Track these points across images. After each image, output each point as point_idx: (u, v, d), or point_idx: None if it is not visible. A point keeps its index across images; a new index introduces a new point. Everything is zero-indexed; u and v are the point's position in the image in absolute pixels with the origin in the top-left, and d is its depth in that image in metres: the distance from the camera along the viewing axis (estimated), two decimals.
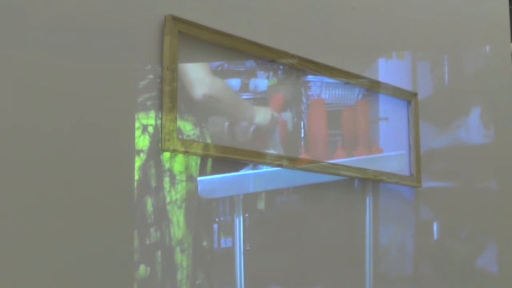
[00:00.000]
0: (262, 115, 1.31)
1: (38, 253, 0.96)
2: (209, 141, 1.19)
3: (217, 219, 1.21)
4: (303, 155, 1.37)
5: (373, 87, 1.55)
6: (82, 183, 1.01)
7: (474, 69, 1.94)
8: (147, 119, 1.11)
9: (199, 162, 1.18)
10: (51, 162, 0.98)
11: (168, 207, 1.13)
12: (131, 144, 1.09)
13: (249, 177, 1.27)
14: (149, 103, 1.11)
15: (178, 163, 1.15)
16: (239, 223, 1.24)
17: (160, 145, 1.12)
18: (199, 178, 1.18)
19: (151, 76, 1.12)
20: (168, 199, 1.13)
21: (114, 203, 1.05)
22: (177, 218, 1.14)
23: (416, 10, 1.75)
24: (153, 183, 1.11)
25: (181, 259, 1.14)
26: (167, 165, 1.13)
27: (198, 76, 1.20)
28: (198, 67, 1.20)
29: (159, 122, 1.12)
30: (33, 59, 0.98)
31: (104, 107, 1.05)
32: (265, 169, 1.29)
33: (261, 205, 1.30)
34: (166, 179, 1.13)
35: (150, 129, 1.11)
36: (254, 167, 1.27)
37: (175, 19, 1.14)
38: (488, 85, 1.96)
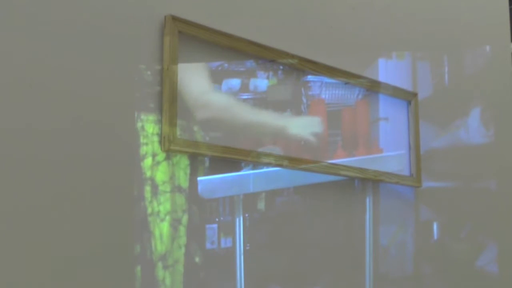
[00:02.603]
0: (262, 114, 1.31)
1: (29, 253, 0.96)
2: (209, 141, 1.19)
3: (217, 219, 1.21)
4: (303, 155, 1.37)
5: (373, 87, 1.55)
6: (81, 183, 1.01)
7: (474, 69, 1.94)
8: (147, 119, 1.11)
9: (198, 162, 1.18)
10: (51, 162, 0.98)
11: (167, 207, 1.13)
12: (131, 144, 1.09)
13: (249, 177, 1.27)
14: (149, 103, 1.11)
15: (177, 163, 1.15)
16: (239, 223, 1.24)
17: (160, 145, 1.12)
18: (199, 178, 1.18)
19: (151, 76, 1.12)
20: (167, 199, 1.13)
21: (114, 203, 1.05)
22: (176, 218, 1.14)
23: (416, 10, 1.75)
24: (153, 183, 1.11)
25: (178, 259, 1.14)
26: (166, 165, 1.13)
27: (198, 76, 1.19)
28: (198, 67, 1.20)
29: (159, 122, 1.12)
30: (33, 59, 0.98)
31: (103, 107, 1.05)
32: (265, 169, 1.29)
33: (261, 205, 1.30)
34: (166, 179, 1.13)
35: (150, 129, 1.11)
36: (254, 167, 1.27)
37: (175, 19, 1.14)
38: (488, 85, 1.96)
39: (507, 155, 1.97)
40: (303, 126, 1.37)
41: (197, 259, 1.16)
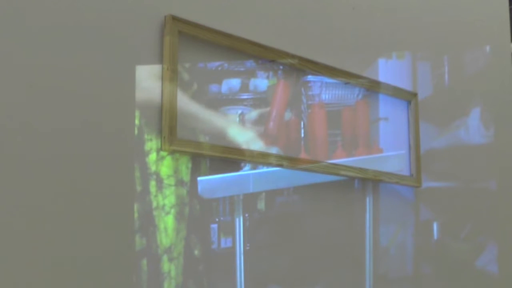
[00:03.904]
0: (260, 114, 1.31)
1: (28, 252, 0.96)
2: (209, 141, 1.19)
3: (217, 219, 1.21)
4: (303, 155, 1.37)
5: (373, 87, 1.55)
6: (81, 183, 1.01)
7: (474, 69, 1.94)
8: (147, 119, 1.11)
9: (198, 162, 1.18)
10: (51, 162, 0.98)
11: (167, 207, 1.13)
12: (131, 144, 1.09)
13: (249, 177, 1.27)
14: (149, 103, 1.11)
15: (178, 163, 1.15)
16: (239, 223, 1.24)
17: (160, 145, 1.12)
18: (199, 178, 1.18)
19: (151, 76, 1.12)
20: (167, 199, 1.13)
21: (114, 203, 1.05)
22: (177, 218, 1.14)
23: (416, 10, 1.75)
24: (153, 183, 1.11)
25: (177, 259, 1.14)
26: (167, 165, 1.13)
27: (198, 75, 1.19)
28: (198, 67, 1.20)
29: (159, 122, 1.12)
30: (33, 59, 0.98)
31: (103, 107, 1.05)
32: (265, 169, 1.29)
33: (261, 205, 1.30)
34: (166, 179, 1.13)
35: (150, 129, 1.11)
36: (254, 167, 1.27)
37: (175, 19, 1.14)
38: (488, 85, 1.96)
39: (507, 155, 1.97)
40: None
41: (197, 259, 1.16)
